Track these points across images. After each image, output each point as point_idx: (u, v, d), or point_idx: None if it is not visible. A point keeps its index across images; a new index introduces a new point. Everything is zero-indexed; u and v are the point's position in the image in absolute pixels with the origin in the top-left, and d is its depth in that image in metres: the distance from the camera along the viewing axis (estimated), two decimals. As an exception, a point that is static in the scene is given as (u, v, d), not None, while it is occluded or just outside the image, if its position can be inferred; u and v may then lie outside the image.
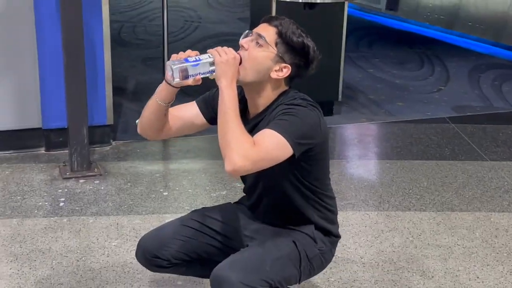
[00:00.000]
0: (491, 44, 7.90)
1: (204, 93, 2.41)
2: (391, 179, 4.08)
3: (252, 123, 2.24)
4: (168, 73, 2.10)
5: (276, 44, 2.15)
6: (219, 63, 2.06)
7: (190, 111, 2.40)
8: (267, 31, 2.16)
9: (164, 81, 2.17)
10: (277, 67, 2.16)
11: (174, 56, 2.12)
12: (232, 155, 2.00)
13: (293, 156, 2.07)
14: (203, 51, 2.17)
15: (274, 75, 2.16)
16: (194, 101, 2.40)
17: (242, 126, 2.06)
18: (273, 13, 4.86)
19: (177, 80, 2.07)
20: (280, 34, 2.14)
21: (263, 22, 2.20)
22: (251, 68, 2.15)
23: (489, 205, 3.74)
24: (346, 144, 4.78)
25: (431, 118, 5.31)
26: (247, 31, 2.23)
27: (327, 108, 5.22)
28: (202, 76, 2.10)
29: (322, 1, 4.87)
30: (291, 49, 2.16)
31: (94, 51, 4.27)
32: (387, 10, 9.51)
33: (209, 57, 2.09)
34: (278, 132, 2.04)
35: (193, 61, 2.07)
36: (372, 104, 5.65)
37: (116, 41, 7.22)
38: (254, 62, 2.15)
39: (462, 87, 6.25)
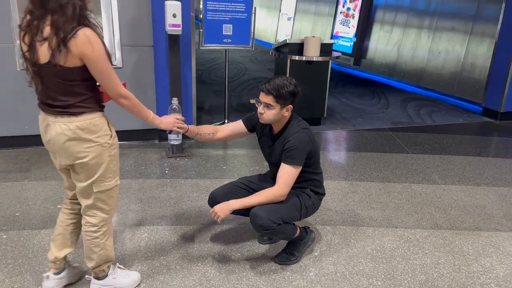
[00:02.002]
0: (414, 86, 7.77)
1: (246, 114, 2.44)
2: (353, 163, 4.03)
3: (275, 138, 2.28)
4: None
5: (277, 102, 2.13)
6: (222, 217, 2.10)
7: (238, 126, 2.43)
8: (268, 98, 2.14)
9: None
10: (285, 110, 2.17)
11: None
12: (276, 200, 2.15)
13: None
14: (247, 88, 2.19)
15: (285, 114, 2.19)
16: (241, 120, 2.43)
17: (259, 195, 2.15)
18: (288, 67, 4.82)
19: (180, 137, 2.25)
20: (275, 96, 2.12)
21: (262, 91, 2.16)
22: (272, 119, 2.18)
23: (411, 179, 3.66)
24: (328, 142, 4.73)
25: (378, 128, 5.22)
26: (256, 100, 2.21)
27: (317, 121, 5.18)
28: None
29: (316, 60, 4.83)
30: (285, 98, 2.14)
31: (187, 86, 4.28)
32: (354, 65, 9.41)
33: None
34: (290, 165, 2.13)
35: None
36: (344, 119, 5.57)
37: (199, 80, 7.26)
38: (271, 116, 2.17)
39: (396, 111, 6.13)
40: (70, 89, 1.73)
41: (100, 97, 1.85)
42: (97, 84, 1.83)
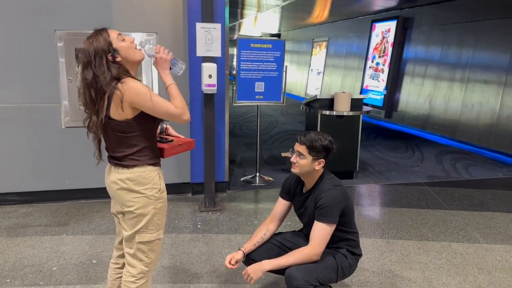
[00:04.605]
0: (448, 139, 7.63)
1: (276, 167, 2.44)
2: (389, 219, 3.91)
3: (306, 195, 2.27)
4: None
5: (309, 153, 2.16)
6: None
7: (280, 205, 2.42)
8: (301, 148, 2.18)
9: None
10: (316, 163, 2.18)
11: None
12: (310, 260, 2.11)
13: None
14: (278, 140, 2.22)
15: (316, 167, 2.19)
16: (279, 197, 2.43)
17: (293, 255, 2.12)
18: (319, 122, 4.88)
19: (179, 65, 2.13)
20: (308, 147, 2.16)
21: (297, 142, 2.20)
22: (303, 170, 2.20)
23: (450, 238, 3.50)
24: (361, 197, 4.64)
25: (413, 182, 5.09)
26: (291, 150, 2.24)
27: (349, 174, 5.13)
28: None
29: (347, 114, 4.87)
30: (317, 150, 2.16)
31: (220, 139, 4.38)
32: (385, 118, 9.39)
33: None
34: (323, 222, 2.11)
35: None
36: (377, 173, 5.49)
37: (231, 133, 7.41)
38: (303, 167, 2.19)
39: (431, 164, 5.99)
40: (125, 140, 1.85)
41: (156, 152, 1.96)
42: (157, 139, 1.98)
